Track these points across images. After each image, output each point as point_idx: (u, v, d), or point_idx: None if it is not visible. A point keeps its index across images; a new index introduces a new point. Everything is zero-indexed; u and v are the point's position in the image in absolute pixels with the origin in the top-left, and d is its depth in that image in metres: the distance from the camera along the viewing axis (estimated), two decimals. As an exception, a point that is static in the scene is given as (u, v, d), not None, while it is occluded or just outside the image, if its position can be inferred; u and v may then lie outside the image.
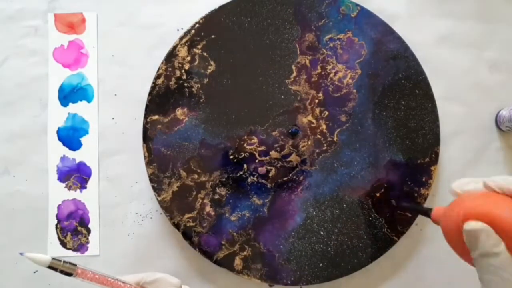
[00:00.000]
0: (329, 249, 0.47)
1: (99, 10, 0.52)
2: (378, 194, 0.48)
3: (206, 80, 0.49)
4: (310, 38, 0.49)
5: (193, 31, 0.49)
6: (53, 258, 0.34)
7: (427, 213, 0.37)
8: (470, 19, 0.52)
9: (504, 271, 0.30)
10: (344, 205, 0.48)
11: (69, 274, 0.35)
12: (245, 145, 0.48)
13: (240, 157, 0.48)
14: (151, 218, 0.50)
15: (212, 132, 0.48)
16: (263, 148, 0.48)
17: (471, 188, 0.34)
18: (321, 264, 0.47)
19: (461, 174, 0.50)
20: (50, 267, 0.34)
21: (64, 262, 0.34)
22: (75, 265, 0.35)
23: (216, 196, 0.47)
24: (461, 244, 0.31)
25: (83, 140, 0.50)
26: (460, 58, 0.52)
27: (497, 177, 0.32)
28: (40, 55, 0.51)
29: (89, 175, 0.50)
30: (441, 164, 0.50)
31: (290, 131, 0.48)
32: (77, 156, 0.50)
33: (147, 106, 0.48)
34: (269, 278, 0.47)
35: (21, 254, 0.33)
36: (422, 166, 0.48)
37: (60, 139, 0.50)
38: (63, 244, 0.49)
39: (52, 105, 0.51)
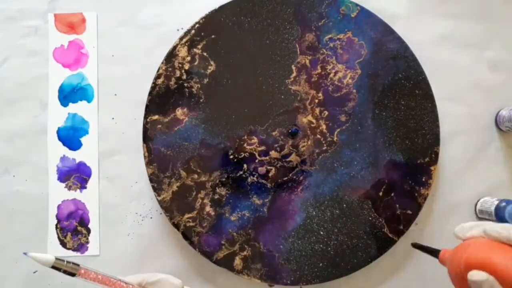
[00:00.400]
0: (329, 249, 0.47)
1: (99, 10, 0.52)
2: (378, 194, 0.48)
3: (206, 80, 0.49)
4: (310, 38, 0.49)
5: (193, 31, 0.49)
6: (56, 258, 0.34)
7: (435, 254, 0.38)
8: (470, 19, 0.52)
9: None
10: (344, 205, 0.48)
11: (72, 274, 0.35)
12: (245, 145, 0.48)
13: (240, 157, 0.48)
14: (151, 218, 0.50)
15: (212, 132, 0.48)
16: (263, 148, 0.48)
17: (474, 234, 0.35)
18: (321, 264, 0.47)
19: (461, 174, 0.50)
20: (53, 267, 0.34)
21: (68, 262, 0.34)
22: (78, 265, 0.35)
23: (216, 196, 0.47)
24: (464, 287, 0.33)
25: (83, 140, 0.50)
26: (460, 58, 0.52)
27: (497, 226, 0.33)
28: (40, 55, 0.51)
29: (89, 175, 0.50)
30: (441, 164, 0.50)
31: (290, 131, 0.48)
32: (77, 156, 0.50)
33: (147, 106, 0.48)
34: (269, 278, 0.47)
35: (25, 254, 0.33)
36: (422, 166, 0.48)
37: (60, 139, 0.50)
38: (63, 244, 0.49)
39: (52, 105, 0.51)
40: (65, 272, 0.34)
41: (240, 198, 0.47)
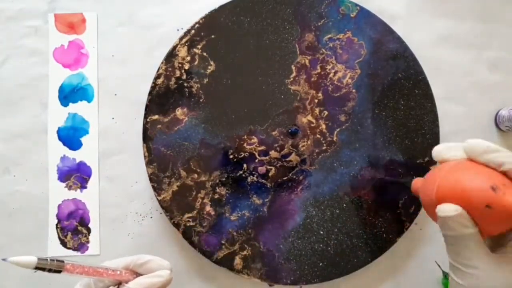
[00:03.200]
0: (329, 248, 0.47)
1: (99, 10, 0.52)
2: (377, 194, 0.48)
3: (206, 80, 0.49)
4: (309, 38, 0.49)
5: (193, 31, 0.49)
6: (39, 258, 0.32)
7: (406, 185, 0.36)
8: (470, 19, 0.53)
9: (469, 260, 0.30)
10: (344, 205, 0.48)
11: (58, 272, 0.34)
12: (245, 144, 0.48)
13: (240, 156, 0.48)
14: (151, 217, 0.50)
15: (212, 132, 0.48)
16: (263, 147, 0.48)
17: (451, 155, 0.33)
18: (321, 264, 0.47)
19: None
20: (37, 268, 0.32)
21: (51, 260, 0.33)
22: (62, 261, 0.34)
23: (216, 196, 0.47)
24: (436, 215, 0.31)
25: (83, 140, 0.51)
26: (460, 58, 0.52)
27: (481, 143, 0.31)
28: (40, 55, 0.51)
29: (89, 175, 0.50)
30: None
31: (289, 131, 0.48)
32: (77, 156, 0.50)
33: (147, 106, 0.48)
34: (269, 278, 0.47)
35: (4, 260, 0.32)
36: (421, 165, 0.48)
37: (60, 139, 0.51)
38: (64, 243, 0.49)
39: (52, 105, 0.51)
40: (50, 270, 0.33)
41: (240, 198, 0.48)
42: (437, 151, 0.34)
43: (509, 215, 0.28)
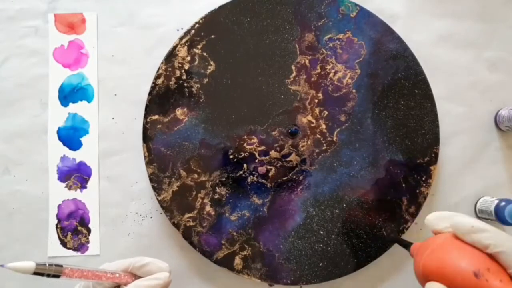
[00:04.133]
0: (329, 248, 0.47)
1: (99, 10, 0.52)
2: (377, 194, 0.48)
3: (206, 80, 0.49)
4: (309, 38, 0.49)
5: (193, 31, 0.49)
6: (37, 264, 0.32)
7: (408, 247, 0.37)
8: (470, 19, 0.53)
9: None
10: (344, 205, 0.48)
11: (57, 276, 0.33)
12: (245, 144, 0.48)
13: (240, 156, 0.48)
14: (151, 217, 0.50)
15: (212, 132, 0.48)
16: (263, 147, 0.48)
17: (441, 227, 0.33)
18: (321, 264, 0.47)
19: (461, 174, 0.50)
20: (35, 273, 0.32)
21: (50, 264, 0.33)
22: (61, 265, 0.34)
23: (216, 196, 0.47)
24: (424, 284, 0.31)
25: (83, 140, 0.51)
26: (460, 58, 0.52)
27: (465, 222, 0.30)
28: (40, 55, 0.51)
29: (89, 175, 0.50)
30: (440, 163, 0.50)
31: (289, 131, 0.48)
32: (77, 156, 0.50)
33: (147, 106, 0.48)
34: (269, 278, 0.47)
35: (1, 266, 0.32)
36: (421, 165, 0.48)
37: (60, 139, 0.51)
38: (64, 243, 0.49)
39: (52, 105, 0.51)
40: (49, 275, 0.33)
41: (240, 198, 0.48)
42: (429, 221, 0.34)
43: None
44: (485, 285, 0.28)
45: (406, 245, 0.37)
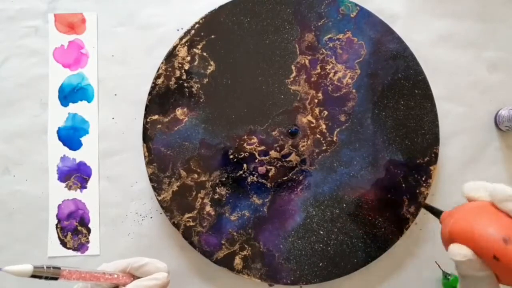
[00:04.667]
0: (329, 248, 0.47)
1: (99, 10, 0.52)
2: (377, 194, 0.48)
3: (206, 80, 0.49)
4: (309, 38, 0.49)
5: (193, 31, 0.49)
6: (34, 266, 0.32)
7: (438, 215, 0.36)
8: (469, 19, 0.53)
9: None
10: (344, 205, 0.48)
11: (55, 279, 0.33)
12: (245, 144, 0.48)
13: (240, 156, 0.48)
14: (151, 217, 0.50)
15: (212, 132, 0.48)
16: (263, 147, 0.48)
17: (477, 195, 0.32)
18: (321, 264, 0.47)
19: (460, 174, 0.50)
20: (33, 276, 0.32)
21: (47, 267, 0.33)
22: (59, 268, 0.33)
23: (216, 196, 0.47)
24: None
25: (83, 140, 0.51)
26: (459, 58, 0.52)
27: (505, 190, 0.30)
28: (40, 55, 0.51)
29: (89, 175, 0.50)
30: (440, 163, 0.50)
31: (289, 131, 0.48)
32: (77, 156, 0.50)
33: (147, 106, 0.48)
34: (269, 278, 0.47)
35: None
36: (421, 165, 0.48)
37: (60, 139, 0.51)
38: (64, 243, 0.49)
39: (52, 105, 0.51)
40: (46, 278, 0.33)
41: (240, 198, 0.48)
42: (467, 188, 0.33)
43: None
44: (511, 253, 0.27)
45: (436, 212, 0.36)
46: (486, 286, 0.29)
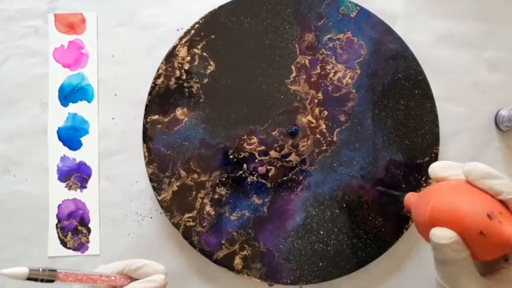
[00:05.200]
0: (329, 248, 0.47)
1: (99, 10, 0.52)
2: (377, 194, 0.48)
3: (206, 80, 0.49)
4: (309, 38, 0.49)
5: (193, 31, 0.49)
6: (30, 269, 0.32)
7: (399, 199, 0.35)
8: (470, 19, 0.53)
9: (458, 284, 0.29)
10: (344, 205, 0.48)
11: (51, 281, 0.33)
12: (244, 144, 0.48)
13: (240, 156, 0.48)
14: (151, 217, 0.50)
15: (212, 132, 0.48)
16: (262, 148, 0.48)
17: (449, 174, 0.32)
18: (320, 264, 0.47)
19: (461, 174, 0.50)
20: (29, 278, 0.32)
21: (43, 269, 0.33)
22: (55, 270, 0.33)
23: (216, 196, 0.48)
24: (428, 236, 0.30)
25: (83, 140, 0.51)
26: (460, 58, 0.52)
27: (481, 168, 0.30)
28: (40, 55, 0.51)
29: (89, 175, 0.50)
30: (440, 163, 0.50)
31: (289, 131, 0.48)
32: (77, 156, 0.50)
33: (147, 106, 0.48)
34: (269, 278, 0.47)
35: None
36: (421, 165, 0.48)
37: (60, 139, 0.51)
38: (64, 243, 0.49)
39: (52, 105, 0.51)
40: (42, 281, 0.32)
41: (240, 198, 0.48)
42: (434, 169, 0.33)
43: (503, 244, 0.27)
44: (497, 227, 0.28)
45: (397, 195, 0.36)
46: (463, 268, 0.29)
